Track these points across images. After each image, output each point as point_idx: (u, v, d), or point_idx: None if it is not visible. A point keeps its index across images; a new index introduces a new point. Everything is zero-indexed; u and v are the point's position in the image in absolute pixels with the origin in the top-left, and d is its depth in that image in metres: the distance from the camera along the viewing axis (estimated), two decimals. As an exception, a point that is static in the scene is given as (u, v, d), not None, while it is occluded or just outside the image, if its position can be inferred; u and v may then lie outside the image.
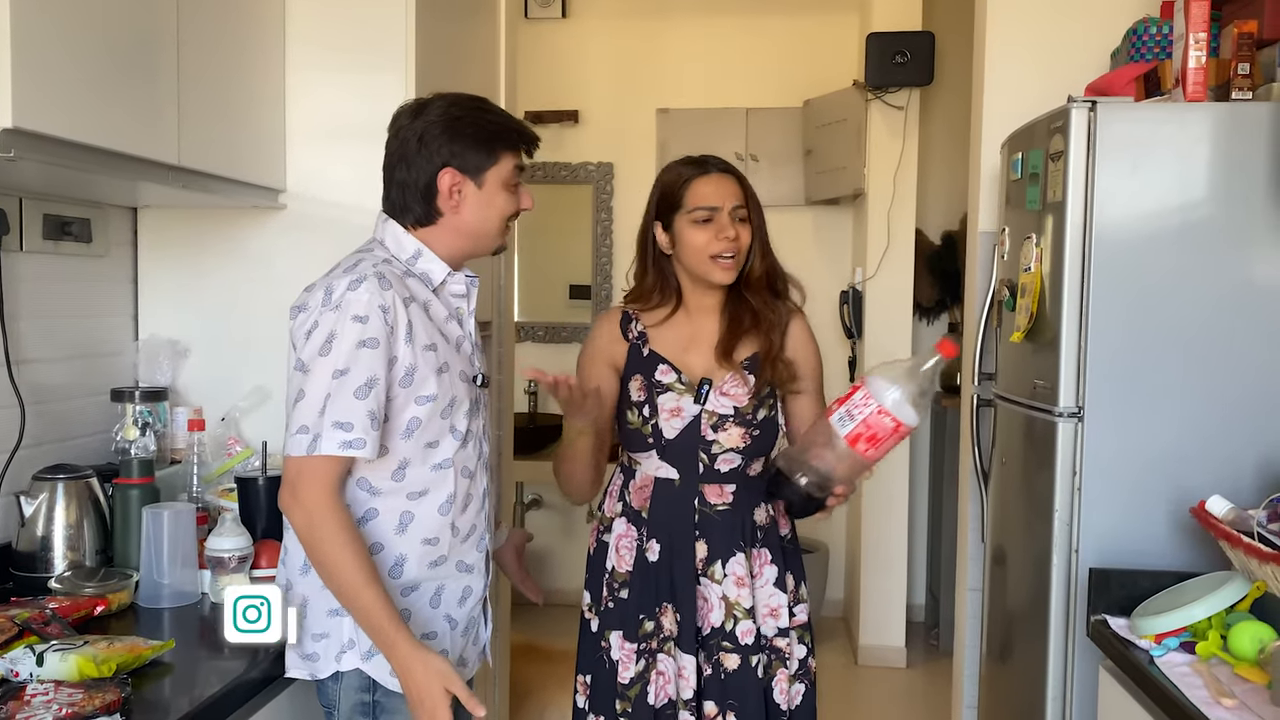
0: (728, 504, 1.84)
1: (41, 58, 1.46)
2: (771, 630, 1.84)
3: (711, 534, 1.83)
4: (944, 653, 3.98)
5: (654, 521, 1.85)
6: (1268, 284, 2.04)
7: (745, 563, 1.82)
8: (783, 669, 1.84)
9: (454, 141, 1.58)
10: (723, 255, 1.81)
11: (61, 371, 2.05)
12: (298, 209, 2.23)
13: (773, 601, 1.84)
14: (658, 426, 1.83)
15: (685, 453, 1.83)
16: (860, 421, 1.58)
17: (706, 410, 1.82)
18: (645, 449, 1.85)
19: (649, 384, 1.85)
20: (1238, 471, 2.00)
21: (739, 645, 1.81)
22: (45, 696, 1.30)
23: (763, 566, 1.86)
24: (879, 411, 1.58)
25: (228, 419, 2.18)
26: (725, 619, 1.82)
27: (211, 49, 1.94)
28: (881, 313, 4.26)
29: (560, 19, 4.86)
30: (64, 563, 1.82)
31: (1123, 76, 2.31)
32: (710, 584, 1.82)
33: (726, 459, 1.83)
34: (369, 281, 1.50)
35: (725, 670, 1.80)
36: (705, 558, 1.83)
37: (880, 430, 1.58)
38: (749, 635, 1.81)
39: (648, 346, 1.88)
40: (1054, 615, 2.11)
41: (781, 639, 1.85)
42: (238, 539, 1.82)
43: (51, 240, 2.00)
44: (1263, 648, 1.57)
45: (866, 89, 4.14)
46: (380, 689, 1.54)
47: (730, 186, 1.85)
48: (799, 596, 1.89)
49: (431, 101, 1.62)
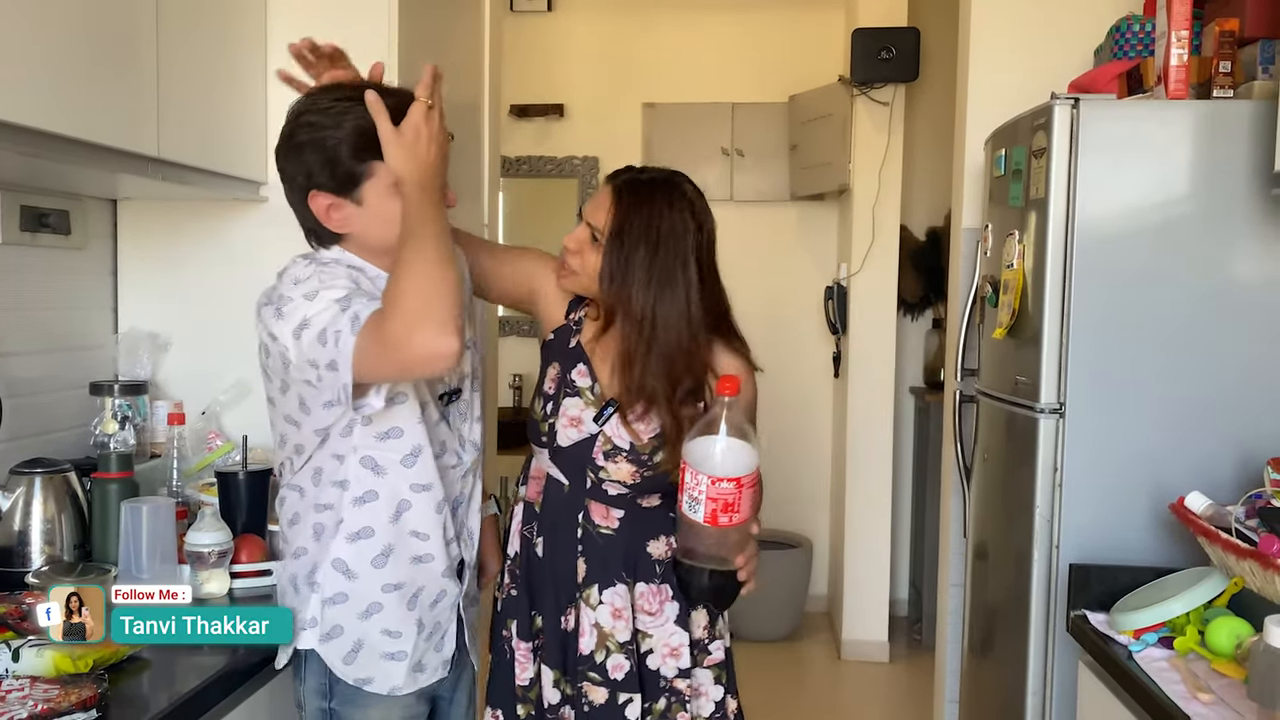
0: (613, 530, 1.72)
1: (16, 48, 1.45)
2: (672, 671, 1.71)
3: (593, 556, 1.71)
4: (927, 647, 3.99)
5: (544, 516, 1.75)
6: (1248, 281, 2.05)
7: (627, 595, 1.70)
8: (683, 712, 1.71)
9: (304, 162, 1.44)
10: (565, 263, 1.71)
11: (39, 365, 2.03)
12: (279, 201, 2.15)
13: (673, 640, 1.71)
14: (554, 428, 1.72)
15: (575, 466, 1.72)
16: (705, 499, 1.53)
17: (603, 434, 1.69)
18: (540, 445, 1.75)
19: (562, 379, 1.73)
20: (1217, 468, 2.02)
21: (607, 679, 1.68)
22: (21, 692, 1.29)
23: (662, 604, 1.72)
24: (713, 482, 1.52)
25: (208, 413, 2.17)
26: (596, 649, 1.69)
27: (191, 40, 1.92)
28: (866, 309, 4.27)
29: (546, 12, 4.85)
30: (41, 557, 1.81)
31: (1105, 74, 2.32)
32: (585, 608, 1.70)
33: (614, 485, 1.71)
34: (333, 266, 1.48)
35: (590, 703, 1.68)
36: (583, 579, 1.71)
37: (728, 495, 1.53)
38: (619, 670, 1.68)
39: (577, 339, 1.75)
40: (1034, 611, 2.12)
41: (682, 680, 1.71)
42: (217, 534, 1.80)
43: (29, 232, 1.98)
44: (1240, 643, 1.58)
45: (852, 85, 4.14)
46: (336, 695, 1.53)
47: (600, 202, 1.68)
48: (715, 633, 1.76)
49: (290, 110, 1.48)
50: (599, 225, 1.67)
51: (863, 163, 4.20)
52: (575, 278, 1.72)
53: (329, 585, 1.53)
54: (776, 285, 4.65)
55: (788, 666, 4.28)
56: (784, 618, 4.51)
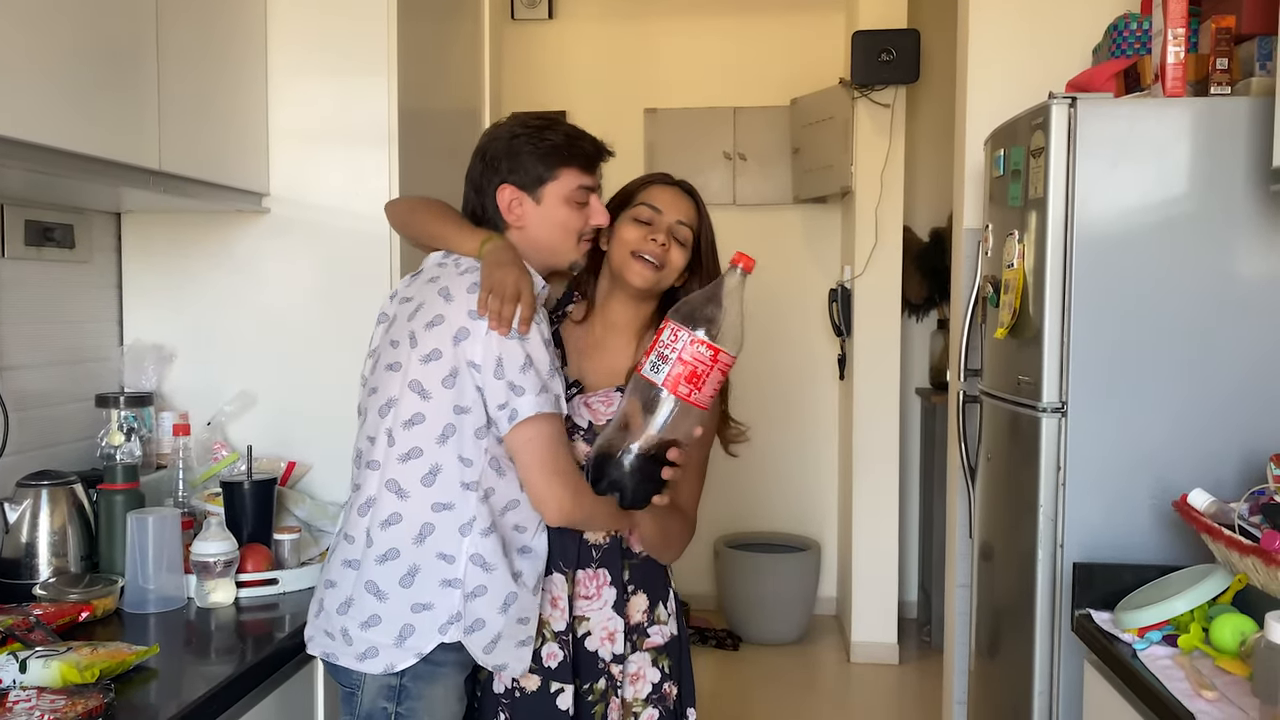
0: None
1: (19, 63, 1.46)
2: (608, 654, 1.70)
3: None
4: (936, 649, 3.98)
5: None
6: (1248, 277, 2.05)
7: (564, 585, 1.67)
8: (615, 698, 1.70)
9: (511, 158, 1.62)
10: (644, 255, 1.68)
11: (46, 378, 2.05)
12: (282, 212, 2.23)
13: (610, 625, 1.70)
14: None
15: None
16: (675, 360, 1.44)
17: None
18: None
19: None
20: (1220, 465, 2.01)
21: (541, 667, 1.66)
22: (28, 703, 1.30)
23: (600, 588, 1.71)
24: (692, 342, 1.44)
25: (213, 423, 2.18)
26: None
27: (192, 53, 1.93)
28: (870, 310, 4.27)
29: (547, 20, 4.87)
30: (49, 569, 1.82)
31: (1103, 72, 2.32)
32: None
33: None
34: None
35: (522, 690, 1.67)
36: None
37: (699, 363, 1.44)
38: (553, 659, 1.66)
39: (557, 327, 1.77)
40: (1039, 610, 2.12)
41: (616, 665, 1.70)
42: (223, 543, 1.81)
43: (34, 246, 2.00)
44: (1244, 640, 1.58)
45: (853, 87, 4.15)
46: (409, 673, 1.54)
47: (685, 203, 1.74)
48: (654, 618, 1.74)
49: (504, 120, 1.67)
50: (682, 219, 1.71)
51: (865, 165, 4.20)
52: (657, 273, 1.70)
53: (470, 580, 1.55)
54: (780, 288, 4.65)
55: (797, 669, 4.28)
56: (793, 620, 4.51)
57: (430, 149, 2.39)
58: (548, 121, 1.66)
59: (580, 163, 1.64)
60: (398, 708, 1.56)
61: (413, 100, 2.26)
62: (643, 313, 1.75)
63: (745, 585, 4.47)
